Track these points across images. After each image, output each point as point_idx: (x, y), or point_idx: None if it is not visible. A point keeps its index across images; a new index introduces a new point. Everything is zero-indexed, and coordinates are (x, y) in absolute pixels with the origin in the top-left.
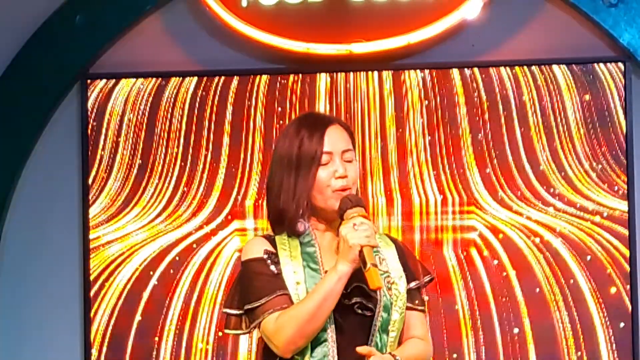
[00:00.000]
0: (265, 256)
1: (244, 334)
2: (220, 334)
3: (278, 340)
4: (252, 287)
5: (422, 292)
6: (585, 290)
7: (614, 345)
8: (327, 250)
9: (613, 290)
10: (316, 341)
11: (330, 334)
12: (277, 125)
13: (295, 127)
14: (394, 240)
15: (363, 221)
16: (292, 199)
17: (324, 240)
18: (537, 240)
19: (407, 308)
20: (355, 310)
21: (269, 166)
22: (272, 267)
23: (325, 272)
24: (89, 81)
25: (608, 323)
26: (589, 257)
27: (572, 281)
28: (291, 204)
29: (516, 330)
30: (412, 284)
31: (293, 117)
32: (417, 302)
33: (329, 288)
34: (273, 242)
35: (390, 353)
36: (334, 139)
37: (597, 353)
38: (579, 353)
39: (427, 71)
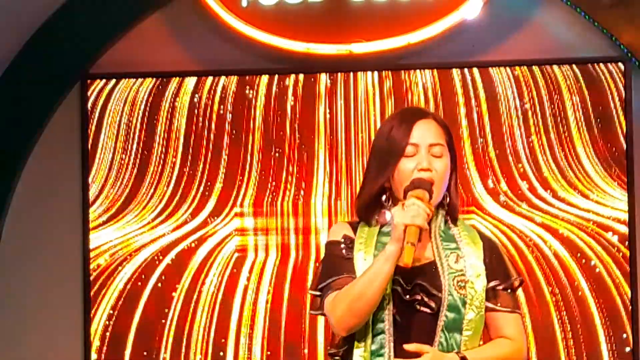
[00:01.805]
0: (342, 240)
1: (323, 314)
2: (222, 340)
3: (332, 318)
4: (325, 267)
5: (513, 294)
6: (585, 289)
7: (614, 345)
8: None
9: (613, 289)
10: (375, 331)
11: (388, 327)
12: (277, 125)
13: (390, 119)
14: (485, 239)
15: (415, 202)
16: (372, 188)
17: None
18: (537, 240)
19: (489, 309)
20: (415, 307)
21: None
22: (344, 251)
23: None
24: (89, 81)
25: (608, 323)
26: (589, 258)
27: (572, 281)
28: (369, 193)
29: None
30: (492, 284)
31: (293, 117)
32: (500, 303)
33: (377, 268)
34: (355, 229)
35: (457, 352)
36: (422, 131)
37: (598, 353)
38: (579, 352)
39: (427, 71)
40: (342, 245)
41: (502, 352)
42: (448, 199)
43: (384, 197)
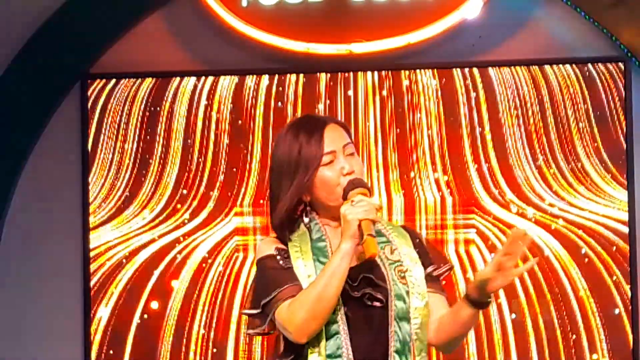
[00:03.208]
0: (276, 252)
1: (265, 334)
2: (223, 340)
3: (291, 325)
4: (265, 283)
5: (441, 280)
6: (585, 288)
7: (614, 345)
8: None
9: (613, 289)
10: (328, 334)
11: (342, 326)
12: (277, 125)
13: (293, 132)
14: (408, 230)
15: (362, 198)
16: (288, 204)
17: (335, 237)
18: (537, 240)
19: (429, 292)
20: (365, 303)
21: (268, 175)
22: (282, 262)
23: None
24: (89, 81)
25: (608, 323)
26: (589, 258)
27: (571, 280)
28: (286, 209)
29: (514, 317)
30: (429, 269)
31: (293, 116)
32: (437, 287)
33: (334, 267)
34: (283, 241)
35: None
36: (332, 137)
37: (598, 353)
38: (579, 352)
39: (427, 71)
40: (278, 257)
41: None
42: None
43: (300, 211)
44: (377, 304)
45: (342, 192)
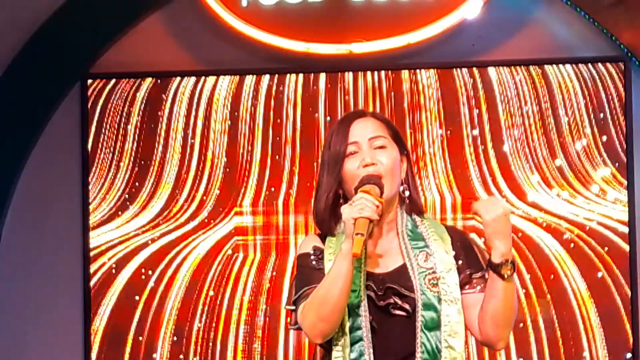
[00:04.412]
0: (312, 252)
1: (292, 329)
2: (223, 347)
3: (304, 326)
4: (298, 280)
5: (484, 278)
6: (585, 289)
7: (614, 345)
8: (373, 248)
9: (613, 289)
10: (353, 340)
11: (365, 334)
12: (277, 125)
13: (330, 130)
14: (452, 232)
15: (362, 196)
16: (324, 198)
17: (370, 240)
18: (537, 240)
19: (466, 294)
20: (390, 312)
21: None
22: (315, 262)
23: (367, 270)
24: (89, 81)
25: (608, 323)
26: (589, 258)
27: (571, 280)
28: (322, 203)
29: (520, 325)
30: (467, 272)
31: (292, 116)
32: (478, 287)
33: (336, 268)
34: (324, 240)
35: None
36: (360, 129)
37: (598, 352)
38: (579, 352)
39: (426, 71)
40: (312, 257)
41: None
42: (407, 192)
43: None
44: (402, 313)
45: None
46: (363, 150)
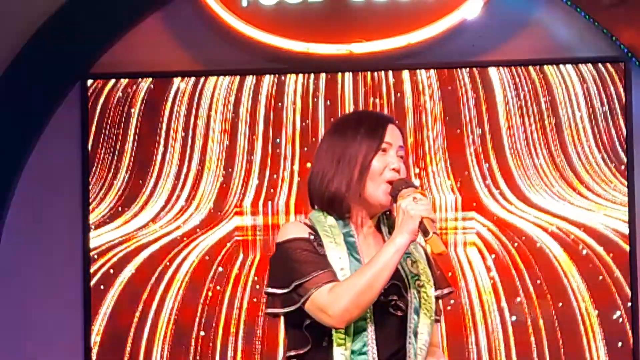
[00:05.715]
0: (311, 237)
1: (283, 313)
2: (223, 347)
3: (333, 310)
4: (300, 263)
5: (439, 303)
6: (585, 289)
7: (614, 345)
8: (362, 242)
9: (613, 288)
10: (357, 329)
11: (370, 325)
12: (277, 125)
13: (357, 119)
14: (423, 247)
15: (422, 197)
16: (348, 183)
17: (361, 234)
18: (537, 239)
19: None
20: (388, 309)
21: (316, 154)
22: (318, 248)
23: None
24: (89, 81)
25: (608, 323)
26: (588, 258)
27: (571, 281)
28: (345, 187)
29: (515, 319)
30: (436, 293)
31: (292, 117)
32: (436, 311)
33: (387, 258)
34: (313, 229)
35: None
36: (394, 133)
37: (598, 352)
38: (579, 352)
39: (427, 71)
40: (315, 243)
41: None
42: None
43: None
44: (398, 312)
45: (381, 183)
46: (390, 154)
